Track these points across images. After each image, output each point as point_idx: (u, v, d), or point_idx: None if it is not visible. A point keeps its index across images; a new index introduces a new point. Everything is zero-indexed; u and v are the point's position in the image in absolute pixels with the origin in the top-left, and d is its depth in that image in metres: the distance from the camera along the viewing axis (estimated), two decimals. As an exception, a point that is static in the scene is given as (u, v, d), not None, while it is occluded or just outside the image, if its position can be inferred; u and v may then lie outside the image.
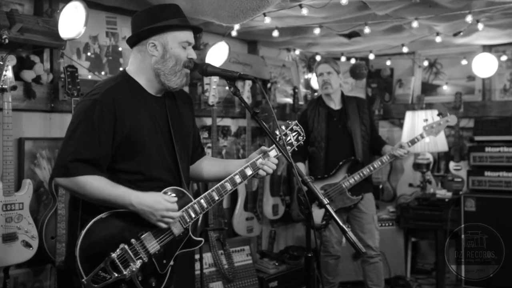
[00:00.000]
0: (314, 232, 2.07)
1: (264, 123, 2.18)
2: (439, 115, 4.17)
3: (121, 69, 3.79)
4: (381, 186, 5.66)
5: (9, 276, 3.10)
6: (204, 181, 3.88)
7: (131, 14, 3.85)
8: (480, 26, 4.25)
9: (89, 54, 3.76)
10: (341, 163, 4.02)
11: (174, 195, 2.18)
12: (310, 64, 5.97)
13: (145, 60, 2.22)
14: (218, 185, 2.28)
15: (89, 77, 3.71)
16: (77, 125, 2.09)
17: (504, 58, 5.37)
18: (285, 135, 2.39)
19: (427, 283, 5.25)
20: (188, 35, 2.23)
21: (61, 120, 3.54)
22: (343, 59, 5.77)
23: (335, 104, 4.20)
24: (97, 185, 2.06)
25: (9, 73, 2.93)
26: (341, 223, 1.99)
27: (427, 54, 5.87)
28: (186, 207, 2.21)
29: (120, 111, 2.11)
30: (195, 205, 2.23)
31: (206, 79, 4.21)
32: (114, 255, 2.05)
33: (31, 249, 3.07)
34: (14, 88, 2.95)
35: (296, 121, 2.45)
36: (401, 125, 5.70)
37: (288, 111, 5.49)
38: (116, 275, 2.05)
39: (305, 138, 2.45)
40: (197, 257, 3.80)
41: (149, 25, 2.17)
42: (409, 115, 5.40)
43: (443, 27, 4.48)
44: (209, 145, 4.44)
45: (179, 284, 2.54)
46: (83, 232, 2.04)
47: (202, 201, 2.24)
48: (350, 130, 4.09)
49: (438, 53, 5.80)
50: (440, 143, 5.13)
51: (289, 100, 5.48)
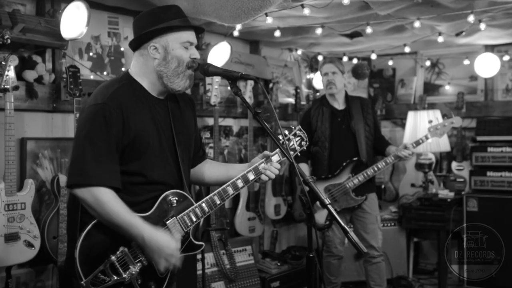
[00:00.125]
0: (315, 232, 2.07)
1: (265, 123, 2.17)
2: (443, 116, 4.17)
3: (123, 69, 3.80)
4: (383, 186, 5.65)
5: (11, 276, 3.10)
6: (205, 185, 3.86)
7: (133, 14, 3.86)
8: (482, 26, 4.24)
9: (91, 54, 3.76)
10: (345, 163, 4.02)
11: (176, 198, 2.18)
12: (312, 64, 5.97)
13: (148, 63, 2.20)
14: (220, 189, 2.26)
15: (91, 77, 3.71)
16: (89, 129, 2.05)
17: (506, 58, 5.36)
18: (288, 140, 2.37)
19: (429, 283, 5.24)
20: (189, 35, 2.21)
21: (63, 120, 3.54)
22: (345, 59, 5.76)
23: (339, 104, 4.20)
24: (115, 204, 2.03)
25: (11, 73, 2.93)
26: (342, 224, 1.98)
27: (429, 54, 5.86)
28: (187, 210, 2.19)
29: (126, 113, 2.09)
30: (197, 209, 2.21)
31: (208, 79, 4.20)
32: (113, 258, 2.04)
33: (33, 249, 3.07)
34: (16, 88, 2.95)
35: (299, 126, 2.44)
36: (403, 125, 5.70)
37: (290, 111, 5.48)
38: (115, 278, 2.04)
39: (308, 143, 2.45)
40: (199, 257, 3.81)
41: (149, 28, 2.16)
42: (411, 115, 5.39)
43: (445, 27, 4.47)
44: (211, 145, 4.44)
45: (181, 284, 2.54)
46: (83, 234, 2.04)
47: (203, 205, 2.22)
48: (354, 130, 4.09)
49: (440, 53, 5.79)
50: (442, 143, 5.11)
51: (291, 100, 5.48)
